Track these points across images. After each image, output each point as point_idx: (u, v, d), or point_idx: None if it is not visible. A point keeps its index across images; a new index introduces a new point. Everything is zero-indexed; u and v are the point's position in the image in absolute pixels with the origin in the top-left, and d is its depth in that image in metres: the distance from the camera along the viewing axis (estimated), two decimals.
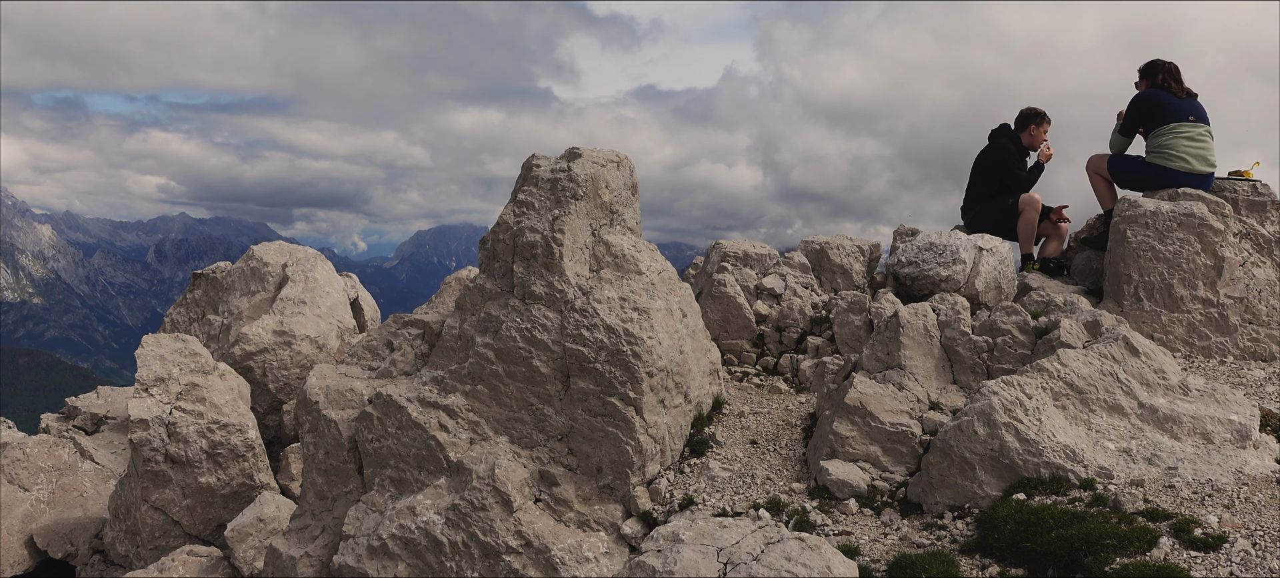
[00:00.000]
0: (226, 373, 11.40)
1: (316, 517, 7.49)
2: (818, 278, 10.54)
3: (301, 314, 13.47)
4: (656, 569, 5.42)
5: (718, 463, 7.23)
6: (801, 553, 5.37)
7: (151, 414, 10.45)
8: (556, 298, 7.07)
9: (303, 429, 7.70)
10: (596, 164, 7.58)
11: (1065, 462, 6.10)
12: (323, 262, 15.00)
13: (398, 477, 7.06)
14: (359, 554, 6.69)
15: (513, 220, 7.39)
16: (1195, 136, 9.32)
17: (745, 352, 9.87)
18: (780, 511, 6.47)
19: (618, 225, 7.74)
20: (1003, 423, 6.23)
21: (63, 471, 12.47)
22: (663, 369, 6.98)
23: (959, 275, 8.85)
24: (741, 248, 10.75)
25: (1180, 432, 6.46)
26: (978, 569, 5.48)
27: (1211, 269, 8.77)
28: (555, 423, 6.94)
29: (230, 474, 10.68)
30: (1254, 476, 6.00)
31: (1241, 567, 4.96)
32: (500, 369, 7.03)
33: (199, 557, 9.65)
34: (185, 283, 16.05)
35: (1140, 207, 8.92)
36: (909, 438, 6.96)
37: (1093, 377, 6.68)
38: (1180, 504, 5.73)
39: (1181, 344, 8.71)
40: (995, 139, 10.79)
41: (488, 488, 6.57)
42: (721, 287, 9.98)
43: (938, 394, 7.42)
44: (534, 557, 6.42)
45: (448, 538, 6.52)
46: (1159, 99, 9.48)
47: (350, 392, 7.57)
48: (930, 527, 6.12)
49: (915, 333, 7.68)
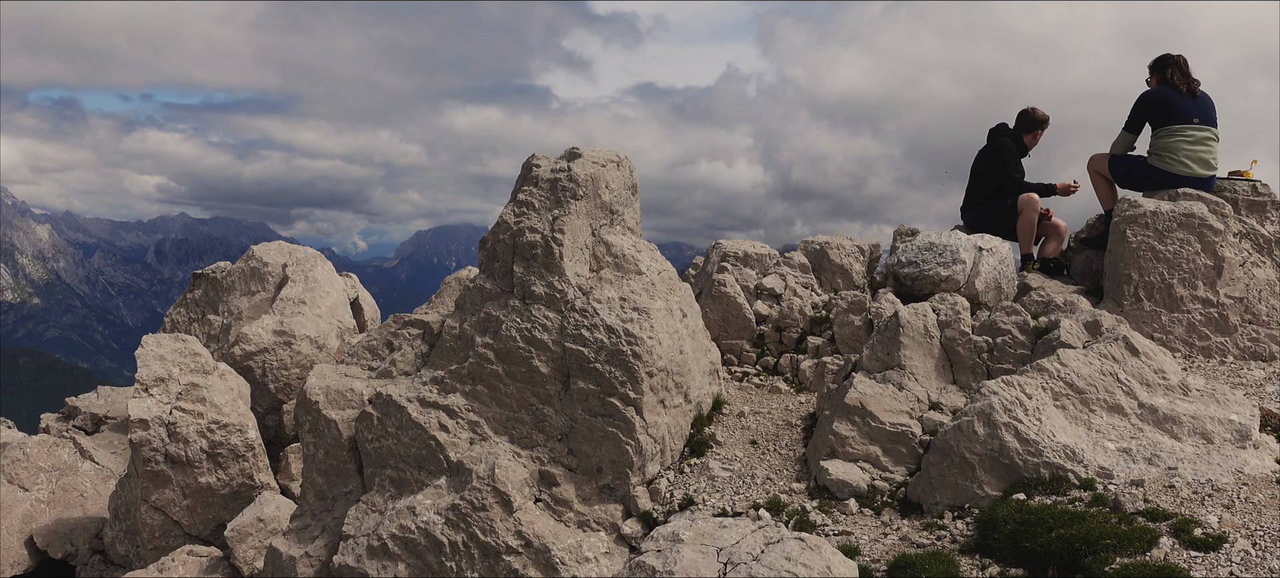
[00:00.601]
0: (226, 373, 11.40)
1: (316, 517, 7.49)
2: (818, 278, 10.54)
3: (301, 314, 13.46)
4: (656, 569, 5.42)
5: (718, 463, 7.23)
6: (801, 553, 5.37)
7: (151, 414, 10.45)
8: (556, 298, 7.07)
9: (303, 429, 7.70)
10: (596, 164, 7.58)
11: (1065, 462, 6.10)
12: (323, 262, 15.00)
13: (398, 477, 7.06)
14: (359, 554, 6.69)
15: (513, 220, 7.39)
16: (1199, 139, 9.26)
17: (745, 352, 9.87)
18: (780, 511, 6.47)
19: (618, 225, 7.74)
20: (1003, 423, 6.23)
21: (63, 471, 12.47)
22: (663, 369, 6.98)
23: (959, 275, 8.85)
24: (741, 248, 10.75)
25: (1180, 432, 6.46)
26: (978, 569, 5.48)
27: (1211, 269, 8.77)
28: (555, 423, 6.94)
29: (230, 474, 10.68)
30: (1254, 476, 6.00)
31: (1241, 567, 4.96)
32: (500, 369, 7.03)
33: (199, 557, 9.65)
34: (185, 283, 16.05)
35: (1140, 207, 8.92)
36: (909, 438, 6.96)
37: (1093, 377, 6.68)
38: (1180, 504, 5.73)
39: (1181, 344, 8.71)
40: (995, 138, 10.75)
41: (488, 488, 6.57)
42: (721, 287, 9.99)
43: (938, 394, 7.42)
44: (534, 557, 6.42)
45: (448, 538, 6.52)
46: (1166, 97, 9.39)
47: (350, 392, 7.57)
48: (930, 527, 6.12)
49: (915, 333, 7.68)
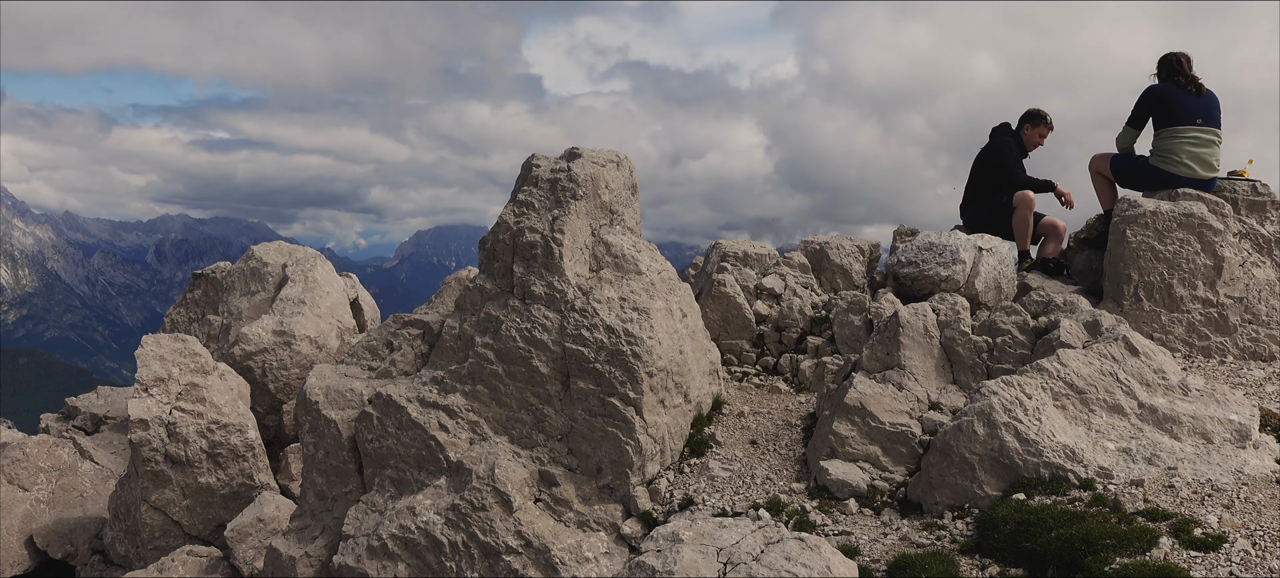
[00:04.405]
0: (226, 373, 11.40)
1: (316, 517, 7.49)
2: (817, 278, 10.54)
3: (301, 314, 13.46)
4: (656, 569, 5.42)
5: (718, 463, 7.23)
6: (801, 553, 5.37)
7: (151, 414, 10.45)
8: (556, 298, 7.07)
9: (303, 429, 7.70)
10: (596, 164, 7.58)
11: (1065, 462, 6.10)
12: (322, 262, 14.99)
13: (397, 477, 7.06)
14: (359, 554, 6.69)
15: (512, 220, 7.39)
16: (1201, 140, 9.23)
17: (745, 352, 9.87)
18: (780, 511, 6.47)
19: (617, 225, 7.74)
20: (1003, 423, 6.23)
21: (63, 471, 12.47)
22: (662, 369, 6.98)
23: (959, 275, 8.85)
24: (741, 248, 10.75)
25: (1180, 432, 6.46)
26: (977, 569, 5.48)
27: (1211, 269, 8.76)
28: (555, 423, 6.93)
29: (230, 474, 10.68)
30: (1254, 476, 6.00)
31: (1241, 567, 4.96)
32: (500, 369, 7.03)
33: (199, 557, 9.65)
34: (185, 283, 16.04)
35: (1140, 207, 8.91)
36: (909, 438, 6.96)
37: (1092, 377, 6.68)
38: (1180, 504, 5.73)
39: (1181, 344, 8.71)
40: (996, 137, 10.78)
41: (488, 488, 6.57)
42: (721, 287, 9.99)
43: (938, 394, 7.42)
44: (534, 557, 6.42)
45: (448, 538, 6.52)
46: (1171, 95, 9.32)
47: (350, 392, 7.57)
48: (930, 527, 6.12)
49: (915, 333, 7.68)
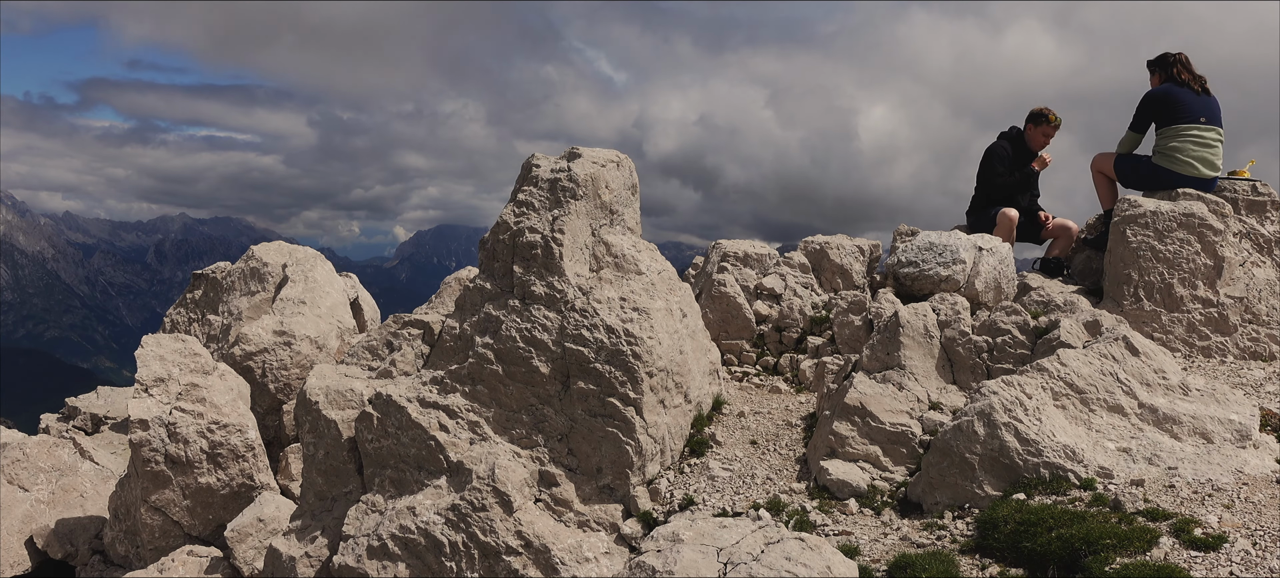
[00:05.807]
0: (226, 373, 11.39)
1: (316, 517, 7.49)
2: (818, 278, 10.54)
3: (301, 314, 13.46)
4: (656, 569, 5.42)
5: (718, 463, 7.23)
6: (801, 553, 5.37)
7: (151, 414, 10.44)
8: (556, 298, 7.07)
9: (302, 429, 7.70)
10: (596, 164, 7.58)
11: (1065, 462, 6.10)
12: (323, 262, 14.99)
13: (398, 477, 7.06)
14: (359, 555, 6.69)
15: (512, 220, 7.39)
16: (1204, 140, 9.20)
17: (745, 352, 9.87)
18: (780, 511, 6.47)
19: (618, 225, 7.74)
20: (1003, 423, 6.23)
21: (62, 471, 12.46)
22: (663, 369, 6.98)
23: (959, 275, 8.85)
24: (741, 248, 10.75)
25: (1180, 432, 6.46)
26: (977, 569, 5.48)
27: (1211, 269, 8.76)
28: (555, 423, 6.93)
29: (230, 474, 10.68)
30: (1254, 475, 6.00)
31: (1241, 567, 4.96)
32: (500, 369, 7.03)
33: (199, 557, 9.65)
34: (185, 283, 16.03)
35: (1140, 207, 8.91)
36: (909, 438, 6.96)
37: (1093, 377, 6.68)
38: (1180, 504, 5.73)
39: (1181, 344, 8.71)
40: (989, 148, 10.70)
41: (488, 488, 6.57)
42: (721, 287, 9.99)
43: (938, 394, 7.42)
44: (534, 557, 6.42)
45: (448, 538, 6.52)
46: (1174, 95, 9.27)
47: (350, 392, 7.57)
48: (930, 527, 6.12)
49: (915, 333, 7.68)
